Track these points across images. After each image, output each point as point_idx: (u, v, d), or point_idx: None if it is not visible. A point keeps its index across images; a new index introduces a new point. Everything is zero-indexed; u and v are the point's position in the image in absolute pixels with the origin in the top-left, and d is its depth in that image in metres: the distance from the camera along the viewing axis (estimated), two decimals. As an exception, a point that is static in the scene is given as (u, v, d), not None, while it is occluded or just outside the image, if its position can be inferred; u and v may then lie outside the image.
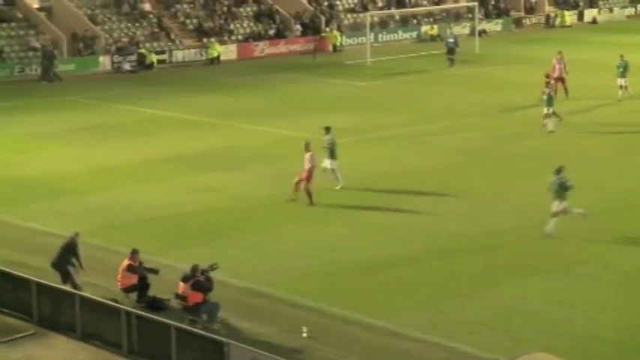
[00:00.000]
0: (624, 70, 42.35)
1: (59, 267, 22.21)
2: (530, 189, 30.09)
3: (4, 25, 56.73)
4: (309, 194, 28.68)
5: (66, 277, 22.04)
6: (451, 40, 55.36)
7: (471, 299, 21.76)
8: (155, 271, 21.87)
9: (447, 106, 43.35)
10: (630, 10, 76.23)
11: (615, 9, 75.61)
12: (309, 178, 28.67)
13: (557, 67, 42.93)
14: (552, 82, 38.15)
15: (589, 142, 36.17)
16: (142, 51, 57.33)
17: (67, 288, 21.64)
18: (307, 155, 28.79)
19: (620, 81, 42.37)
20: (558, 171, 25.64)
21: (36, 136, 38.93)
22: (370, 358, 19.02)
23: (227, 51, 59.78)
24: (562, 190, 25.37)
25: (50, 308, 20.91)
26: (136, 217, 28.08)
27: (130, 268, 21.54)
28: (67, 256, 22.29)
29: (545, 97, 37.15)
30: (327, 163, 30.19)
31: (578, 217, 25.55)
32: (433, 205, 28.80)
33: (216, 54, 58.62)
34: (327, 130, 30.74)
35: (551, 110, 36.86)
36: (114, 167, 33.57)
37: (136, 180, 32.15)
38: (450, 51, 54.48)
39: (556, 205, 25.37)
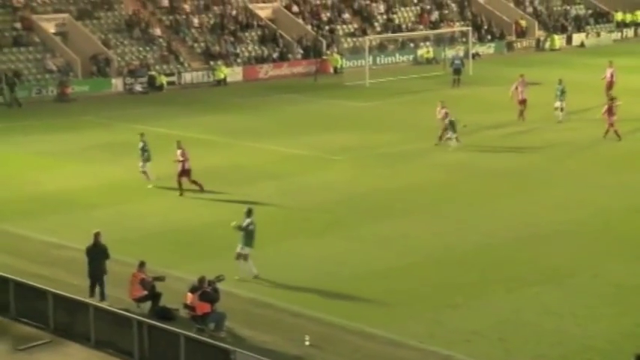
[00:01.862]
0: (561, 93, 42.71)
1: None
2: (520, 204, 30.21)
3: (23, 49, 56.94)
4: (180, 184, 31.61)
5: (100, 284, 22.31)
6: (457, 62, 55.69)
7: (466, 310, 21.74)
8: (162, 279, 21.94)
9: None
10: (616, 35, 76.47)
11: (602, 33, 75.83)
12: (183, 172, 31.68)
13: (519, 89, 43.31)
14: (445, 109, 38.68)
15: (575, 160, 36.21)
16: (153, 73, 57.50)
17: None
18: (178, 152, 31.76)
19: (559, 104, 42.69)
20: (248, 213, 24.00)
21: (52, 154, 38.99)
22: (370, 366, 19.03)
23: (233, 73, 59.97)
24: (246, 233, 23.68)
25: (66, 318, 20.93)
26: (146, 230, 28.10)
27: (142, 282, 21.57)
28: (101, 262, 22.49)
29: (447, 121, 37.72)
30: (139, 165, 33.14)
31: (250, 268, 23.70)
32: (429, 219, 28.82)
33: (222, 76, 58.79)
34: (141, 135, 33.63)
35: (454, 135, 37.43)
36: (126, 183, 33.61)
37: (146, 195, 32.20)
38: (456, 71, 54.76)
39: (239, 248, 23.69)
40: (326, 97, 52.78)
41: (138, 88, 56.48)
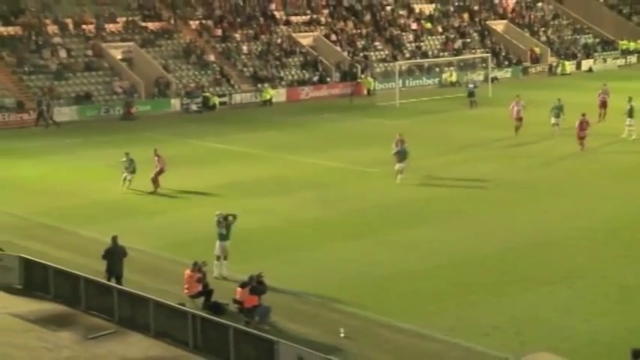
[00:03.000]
0: (559, 110, 42.71)
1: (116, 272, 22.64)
2: (534, 213, 29.95)
3: (93, 73, 57.59)
4: (156, 184, 33.45)
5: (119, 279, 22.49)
6: (471, 86, 55.45)
7: (485, 306, 21.60)
8: (205, 264, 22.12)
9: (463, 141, 43.20)
10: (621, 61, 75.77)
11: (609, 60, 75.15)
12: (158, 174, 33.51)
13: (515, 108, 43.73)
14: (402, 139, 34.78)
15: (583, 172, 35.82)
16: (207, 94, 57.82)
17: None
18: (155, 159, 33.67)
19: (555, 120, 42.53)
20: (225, 218, 24.13)
21: (117, 167, 39.21)
22: (398, 356, 18.92)
23: (278, 94, 60.14)
24: (221, 233, 23.81)
25: (129, 310, 21.06)
26: (199, 234, 28.08)
27: (198, 280, 21.71)
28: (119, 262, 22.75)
29: (398, 150, 34.34)
30: (126, 175, 34.01)
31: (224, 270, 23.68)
32: (452, 226, 28.68)
33: (268, 97, 58.97)
34: (127, 154, 34.44)
35: (403, 165, 34.00)
36: (181, 192, 33.77)
37: (199, 203, 32.31)
38: (471, 94, 54.47)
39: (217, 248, 23.77)
40: (360, 116, 52.73)
41: (193, 107, 56.82)
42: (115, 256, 22.61)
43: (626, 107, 42.36)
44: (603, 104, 46.48)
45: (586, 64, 73.51)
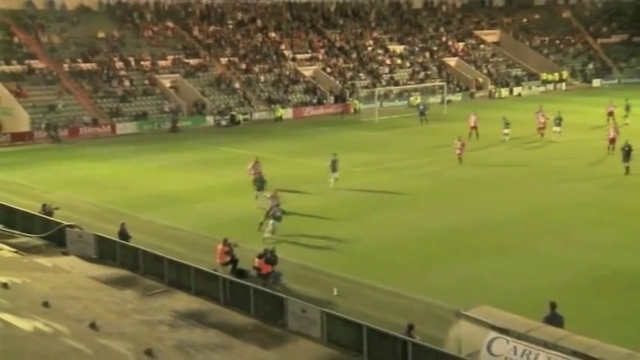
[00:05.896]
0: (507, 124, 43.55)
1: None
2: (480, 201, 29.87)
3: (149, 97, 57.44)
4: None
5: None
6: (421, 107, 55.20)
7: (441, 271, 21.58)
8: (237, 245, 22.01)
9: (426, 148, 43.12)
10: (542, 88, 75.72)
11: (533, 87, 75.02)
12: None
13: (472, 118, 44.47)
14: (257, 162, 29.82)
15: (517, 173, 35.69)
16: (233, 113, 57.64)
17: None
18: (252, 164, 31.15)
19: (506, 131, 43.29)
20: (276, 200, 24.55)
21: (167, 167, 39.23)
22: (378, 309, 18.88)
23: (286, 113, 59.92)
24: (274, 214, 24.05)
25: (175, 274, 21.00)
26: (228, 218, 28.15)
27: (227, 252, 21.65)
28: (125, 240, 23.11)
29: (256, 176, 28.73)
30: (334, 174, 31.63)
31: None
32: (417, 211, 28.63)
33: (279, 114, 58.78)
34: (334, 155, 32.29)
35: (263, 193, 28.29)
36: (215, 186, 33.70)
37: (228, 195, 32.24)
38: (422, 113, 54.17)
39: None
40: (349, 129, 52.57)
41: (223, 122, 56.63)
42: (122, 237, 23.30)
43: (556, 116, 42.96)
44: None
45: (516, 90, 73.31)
